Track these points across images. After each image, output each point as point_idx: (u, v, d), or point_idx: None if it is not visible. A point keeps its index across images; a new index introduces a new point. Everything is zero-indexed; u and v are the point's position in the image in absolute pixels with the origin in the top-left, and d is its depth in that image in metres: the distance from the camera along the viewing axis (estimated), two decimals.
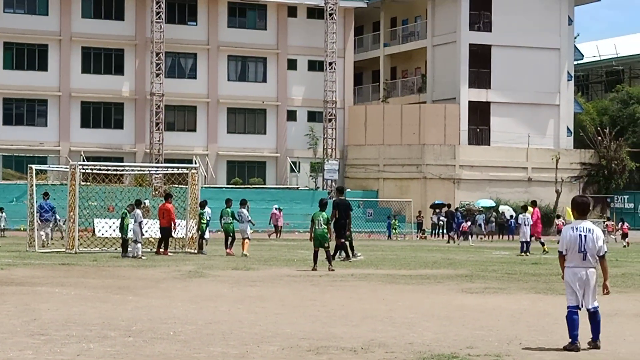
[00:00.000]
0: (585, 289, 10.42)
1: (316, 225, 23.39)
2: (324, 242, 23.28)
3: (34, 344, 10.22)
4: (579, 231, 10.39)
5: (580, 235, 10.37)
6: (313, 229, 23.49)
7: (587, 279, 10.39)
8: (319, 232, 23.32)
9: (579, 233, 10.38)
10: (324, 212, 23.68)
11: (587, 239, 10.34)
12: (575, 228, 10.46)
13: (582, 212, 10.58)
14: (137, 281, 19.21)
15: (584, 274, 10.37)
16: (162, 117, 65.49)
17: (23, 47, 64.77)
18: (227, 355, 9.71)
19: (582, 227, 10.42)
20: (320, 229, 23.32)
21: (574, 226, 10.53)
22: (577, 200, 10.70)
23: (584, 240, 10.34)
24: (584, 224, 10.48)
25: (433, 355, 9.74)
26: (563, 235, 10.54)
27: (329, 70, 68.67)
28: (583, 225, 10.44)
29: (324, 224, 23.39)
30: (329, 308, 14.42)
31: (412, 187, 67.23)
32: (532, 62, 69.57)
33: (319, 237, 23.32)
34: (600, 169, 70.94)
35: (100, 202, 36.37)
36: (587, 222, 10.54)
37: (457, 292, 17.59)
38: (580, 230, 10.39)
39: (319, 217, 23.50)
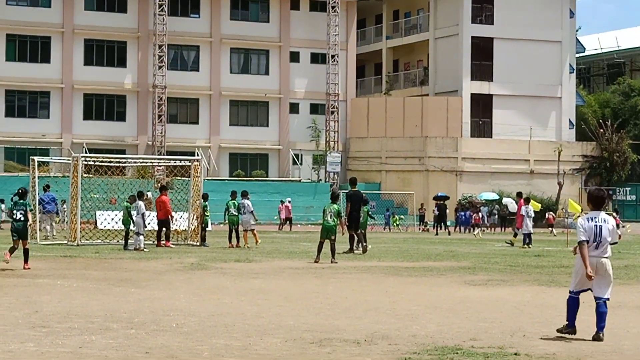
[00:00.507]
0: (599, 278, 10.61)
1: (327, 217, 23.26)
2: (330, 234, 23.16)
3: (35, 336, 10.20)
4: (594, 222, 10.70)
5: (597, 225, 10.67)
6: (323, 220, 23.35)
7: (599, 267, 10.61)
8: (328, 224, 23.20)
9: (594, 223, 10.68)
10: (335, 205, 23.55)
11: (603, 229, 10.65)
12: (591, 219, 10.75)
13: (598, 204, 10.90)
14: (139, 273, 19.19)
15: (594, 262, 10.58)
16: (165, 109, 65.47)
17: (26, 39, 64.72)
18: (230, 347, 9.69)
19: (598, 218, 10.73)
20: (330, 222, 23.18)
21: (590, 217, 10.78)
22: (595, 193, 11.00)
23: (600, 230, 10.65)
24: (600, 214, 10.78)
25: (436, 348, 9.72)
26: (581, 225, 10.74)
27: (332, 63, 68.60)
28: (599, 216, 10.75)
29: (335, 216, 23.25)
30: (332, 300, 14.40)
31: (415, 179, 67.19)
32: (534, 55, 69.48)
33: (327, 229, 23.20)
34: (602, 161, 70.87)
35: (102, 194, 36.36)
36: (602, 213, 10.83)
37: (460, 284, 17.56)
38: (596, 220, 10.70)
39: (330, 208, 23.37)
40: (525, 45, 69.45)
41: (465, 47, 68.56)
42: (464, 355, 9.27)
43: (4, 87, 64.05)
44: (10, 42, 64.53)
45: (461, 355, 9.24)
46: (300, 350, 9.57)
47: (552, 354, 9.46)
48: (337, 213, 23.32)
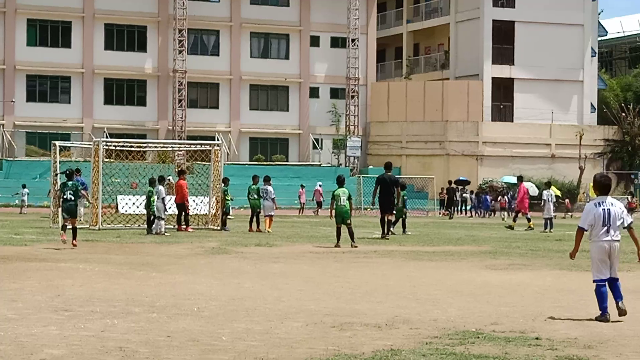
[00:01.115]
0: (611, 260, 10.85)
1: (338, 202, 23.23)
2: (346, 219, 23.13)
3: (58, 320, 10.25)
4: (602, 206, 10.79)
5: (604, 209, 10.77)
6: (334, 206, 23.39)
7: (612, 251, 10.81)
8: (341, 208, 23.15)
9: (602, 208, 10.78)
10: (344, 188, 23.58)
11: (611, 213, 10.76)
12: (598, 204, 10.84)
13: (603, 190, 11.00)
14: (161, 257, 19.25)
15: (608, 247, 10.78)
16: (185, 94, 65.56)
17: (46, 24, 64.89)
18: (251, 331, 9.71)
19: (605, 202, 10.83)
20: (342, 206, 23.18)
21: (597, 202, 10.87)
22: (599, 179, 11.11)
23: (608, 214, 10.75)
24: (607, 199, 10.87)
25: (457, 332, 9.70)
26: (587, 211, 10.87)
27: (352, 47, 68.43)
28: (606, 201, 10.84)
29: (346, 200, 23.30)
30: (353, 284, 14.40)
31: (435, 163, 67.04)
32: (555, 38, 69.05)
33: (341, 213, 23.18)
34: (624, 145, 70.46)
35: (123, 178, 36.48)
36: (609, 197, 10.90)
37: (481, 268, 17.52)
38: (603, 205, 10.80)
39: (339, 193, 23.38)
40: (547, 29, 69.03)
41: (486, 30, 68.21)
42: (485, 339, 9.25)
43: (25, 72, 64.29)
44: (31, 27, 64.72)
45: (482, 340, 9.21)
46: (321, 334, 9.57)
47: (574, 338, 9.42)
48: (347, 197, 23.31)
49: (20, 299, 11.97)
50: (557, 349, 8.76)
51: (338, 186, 23.79)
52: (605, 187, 11.02)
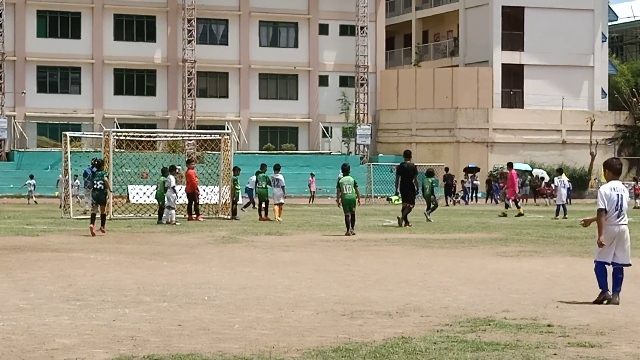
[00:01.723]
0: (620, 245, 10.94)
1: (344, 190, 23.42)
2: (352, 207, 23.34)
3: (70, 310, 10.29)
4: (616, 191, 10.97)
5: (618, 194, 10.95)
6: (341, 194, 23.52)
7: (621, 234, 10.95)
8: (348, 197, 23.38)
9: (616, 193, 10.95)
10: (349, 177, 23.71)
11: (623, 198, 10.99)
12: (613, 188, 11.00)
13: (617, 173, 11.21)
14: (171, 247, 19.29)
15: (618, 230, 10.93)
16: (194, 83, 65.58)
17: (56, 15, 64.95)
18: (262, 319, 9.72)
19: (618, 187, 11.02)
20: (349, 195, 23.36)
21: (612, 186, 11.02)
22: (614, 162, 11.33)
23: (621, 199, 10.95)
24: (618, 184, 11.08)
25: (469, 319, 9.69)
26: (604, 193, 10.96)
27: (361, 35, 68.31)
28: (618, 186, 11.04)
29: (352, 188, 23.44)
30: (363, 273, 14.40)
31: (445, 151, 66.95)
32: (565, 24, 68.78)
33: (348, 202, 23.37)
34: (636, 130, 70.22)
35: (134, 168, 36.54)
36: (619, 182, 11.14)
37: (492, 255, 17.50)
38: (617, 190, 10.98)
39: (344, 182, 23.55)
40: (557, 14, 68.75)
41: (496, 16, 67.99)
42: (497, 326, 9.24)
43: (35, 63, 64.39)
44: (41, 19, 64.78)
45: (494, 327, 9.21)
46: (331, 322, 9.57)
47: (586, 325, 9.41)
48: (353, 185, 23.51)
49: (32, 289, 12.02)
50: (569, 335, 8.75)
51: (343, 174, 23.95)
52: (618, 169, 11.22)
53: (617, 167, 11.27)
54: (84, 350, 7.98)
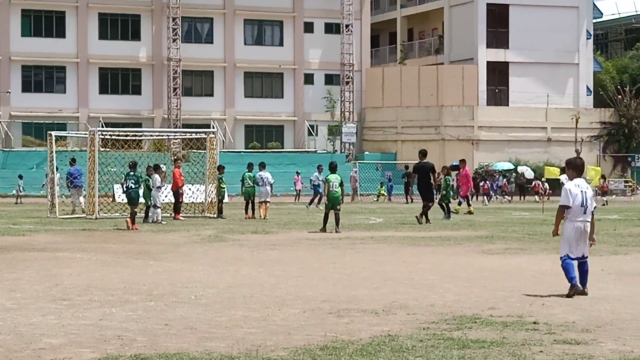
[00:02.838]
0: (582, 240, 11.38)
1: (331, 188, 23.57)
2: (336, 205, 23.51)
3: (56, 309, 10.27)
4: (580, 188, 11.33)
5: (582, 191, 11.30)
6: (327, 192, 23.71)
7: (585, 231, 11.37)
8: (333, 194, 23.53)
9: (580, 189, 11.31)
10: (337, 175, 23.83)
11: (587, 195, 11.32)
12: (577, 185, 11.36)
13: (579, 171, 11.55)
14: (158, 246, 19.27)
15: (582, 226, 11.31)
16: (180, 82, 65.48)
17: (40, 14, 64.75)
18: (249, 318, 9.72)
19: (582, 185, 11.37)
20: (334, 192, 23.50)
21: (576, 184, 11.37)
22: (576, 161, 11.67)
23: (586, 196, 11.30)
24: (582, 182, 11.42)
25: (455, 317, 9.71)
26: (569, 190, 11.31)
27: (346, 33, 68.35)
28: (582, 183, 11.40)
29: (338, 186, 23.57)
30: (350, 271, 14.42)
31: (431, 148, 66.64)
32: (550, 21, 68.98)
33: (333, 199, 23.54)
34: (621, 127, 70.51)
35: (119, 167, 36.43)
36: (583, 180, 11.50)
37: (478, 253, 17.55)
38: (581, 187, 11.33)
39: (332, 179, 23.65)
40: (542, 12, 68.95)
41: (481, 14, 68.14)
42: (483, 324, 9.27)
43: (20, 63, 64.17)
44: (26, 18, 64.57)
45: (480, 325, 9.23)
46: (318, 320, 9.59)
47: (572, 322, 9.45)
48: (340, 183, 23.66)
49: (19, 289, 11.99)
50: (554, 333, 8.79)
51: (330, 172, 24.02)
52: (580, 168, 11.55)
53: (579, 166, 11.56)
54: (71, 350, 7.97)
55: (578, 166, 11.55)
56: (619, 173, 70.55)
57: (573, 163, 11.61)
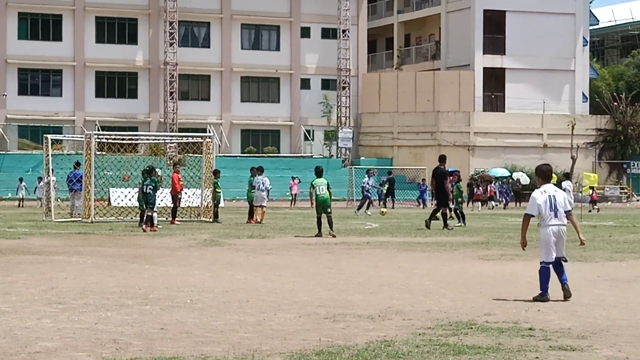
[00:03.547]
0: (560, 243, 11.60)
1: (317, 191, 23.61)
2: (326, 208, 23.51)
3: (52, 313, 10.26)
4: (547, 193, 11.61)
5: (550, 196, 11.58)
6: (314, 196, 23.82)
7: (560, 234, 11.58)
8: (321, 197, 23.56)
9: (547, 194, 11.59)
10: (323, 178, 23.84)
11: (556, 199, 11.57)
12: (543, 191, 11.67)
13: (546, 178, 11.87)
14: (153, 250, 19.26)
15: (557, 230, 11.54)
16: (176, 86, 65.49)
17: (37, 17, 64.73)
18: (244, 323, 9.72)
19: (549, 189, 11.67)
20: (322, 195, 23.52)
21: (542, 190, 11.69)
22: (542, 168, 11.97)
23: (554, 200, 11.55)
24: (549, 187, 11.73)
25: (451, 323, 9.72)
26: (535, 198, 11.62)
27: (343, 38, 68.40)
28: (549, 188, 11.69)
29: (325, 189, 23.57)
30: (346, 276, 14.42)
31: (427, 154, 67.06)
32: (547, 28, 69.11)
33: (321, 202, 23.58)
34: (617, 134, 70.60)
35: (115, 171, 36.45)
36: (551, 185, 11.79)
37: (474, 259, 17.55)
38: (548, 192, 11.62)
39: (318, 183, 23.68)
40: (538, 18, 69.07)
41: (477, 20, 68.26)
42: (479, 330, 9.27)
43: (16, 66, 64.14)
44: (22, 21, 64.55)
45: (475, 330, 9.24)
46: (314, 325, 9.59)
47: (567, 328, 9.45)
48: (327, 186, 23.65)
49: (14, 292, 11.97)
50: (550, 339, 8.79)
51: (316, 176, 24.02)
52: (547, 175, 11.85)
53: (545, 172, 11.87)
54: (66, 354, 7.96)
55: (544, 172, 11.89)
56: (614, 180, 70.63)
57: (539, 170, 11.96)
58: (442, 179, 27.50)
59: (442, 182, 27.41)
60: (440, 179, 27.48)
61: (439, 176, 27.59)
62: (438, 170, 27.86)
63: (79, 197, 32.95)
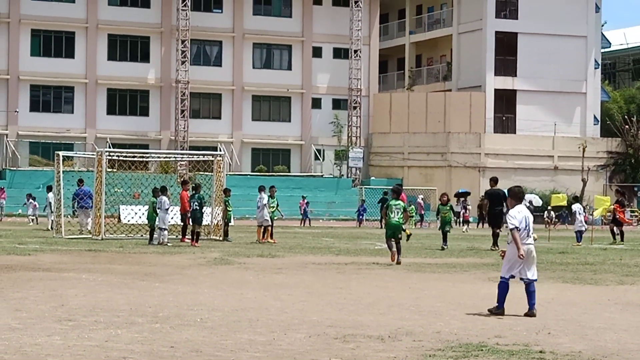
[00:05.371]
0: (528, 262, 12.11)
1: (391, 214, 21.56)
2: (397, 233, 21.56)
3: (62, 330, 10.26)
4: (522, 213, 12.22)
5: (525, 216, 12.21)
6: (387, 217, 21.69)
7: (530, 253, 12.15)
8: (394, 223, 21.53)
9: (523, 215, 12.20)
10: (399, 201, 21.93)
11: (529, 220, 12.21)
12: (519, 211, 12.24)
13: (518, 199, 12.45)
14: (163, 268, 19.26)
15: (527, 249, 12.07)
16: (188, 104, 65.65)
17: (50, 35, 65.05)
18: (254, 342, 9.71)
19: (523, 211, 12.24)
20: (396, 221, 21.52)
21: (518, 210, 12.25)
22: (513, 189, 12.61)
23: (528, 220, 12.20)
24: (523, 207, 12.33)
25: (461, 344, 9.69)
26: (514, 215, 12.19)
27: (354, 58, 68.53)
28: (523, 209, 12.28)
29: (401, 213, 21.60)
30: (356, 296, 14.39)
31: (437, 175, 67.04)
32: (558, 50, 69.12)
33: (393, 228, 21.56)
34: (627, 157, 70.44)
35: (126, 189, 36.52)
36: (523, 206, 12.36)
37: (484, 280, 17.50)
38: (523, 212, 12.24)
39: (395, 206, 21.63)
40: (550, 40, 69.10)
41: (489, 42, 68.33)
42: (489, 352, 9.25)
43: (28, 82, 64.42)
44: (35, 38, 64.88)
45: (486, 352, 9.21)
46: (324, 345, 9.57)
47: (578, 352, 9.42)
48: (403, 209, 21.79)
49: (24, 309, 11.98)
50: None
51: (394, 197, 22.07)
52: (519, 196, 12.46)
53: (517, 194, 12.47)
54: None
55: (516, 194, 12.47)
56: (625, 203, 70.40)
57: (511, 192, 12.55)
58: (498, 200, 27.49)
59: (497, 203, 27.43)
60: (496, 200, 27.51)
61: (496, 197, 27.64)
62: (494, 192, 27.88)
63: (88, 214, 32.98)
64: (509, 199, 12.65)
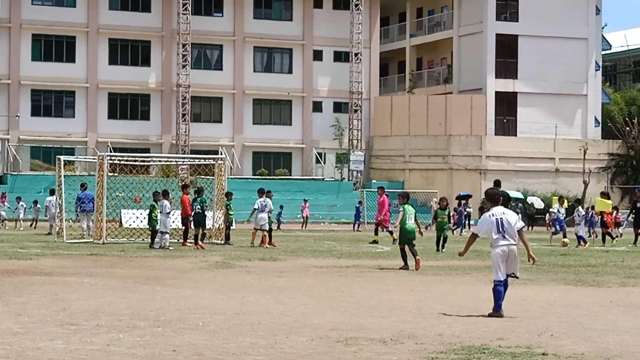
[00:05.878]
0: (509, 262, 12.27)
1: (407, 220, 21.09)
2: (412, 239, 21.06)
3: (64, 334, 10.25)
4: (495, 216, 12.29)
5: (497, 219, 12.25)
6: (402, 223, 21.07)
7: (510, 253, 12.23)
8: (410, 227, 21.05)
9: (495, 217, 12.27)
10: (411, 206, 21.53)
11: (503, 221, 12.22)
12: (492, 214, 12.36)
13: (494, 202, 12.54)
14: (165, 271, 19.26)
15: (506, 250, 12.20)
16: (189, 108, 65.66)
17: (51, 39, 65.09)
18: (256, 345, 9.70)
19: (497, 212, 12.34)
20: (411, 225, 21.08)
21: (491, 213, 12.37)
22: (490, 192, 12.74)
23: (500, 222, 12.21)
24: (498, 209, 12.37)
25: (463, 347, 9.68)
26: (482, 220, 12.48)
27: (355, 61, 68.54)
28: (497, 211, 12.35)
29: (414, 218, 21.26)
30: (357, 299, 14.38)
31: (438, 178, 67.03)
32: (559, 52, 69.12)
33: (409, 233, 20.98)
34: (629, 159, 70.40)
35: (127, 193, 36.51)
36: (500, 207, 12.42)
37: (486, 283, 17.46)
38: (495, 215, 12.30)
39: (410, 211, 21.15)
40: (551, 43, 69.11)
41: (490, 44, 68.33)
42: (491, 354, 9.23)
43: (29, 87, 64.45)
44: (36, 42, 64.92)
45: (488, 355, 9.20)
46: (326, 349, 9.56)
47: (581, 353, 9.40)
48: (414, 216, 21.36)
49: (26, 313, 11.98)
50: None
51: (407, 202, 21.63)
52: (495, 199, 12.54)
53: (493, 196, 12.58)
54: None
55: (492, 196, 12.59)
56: (627, 205, 70.33)
57: (487, 194, 12.69)
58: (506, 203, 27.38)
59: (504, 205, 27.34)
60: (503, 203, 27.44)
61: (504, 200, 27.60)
62: None
63: (90, 217, 32.99)
64: (485, 200, 12.75)
